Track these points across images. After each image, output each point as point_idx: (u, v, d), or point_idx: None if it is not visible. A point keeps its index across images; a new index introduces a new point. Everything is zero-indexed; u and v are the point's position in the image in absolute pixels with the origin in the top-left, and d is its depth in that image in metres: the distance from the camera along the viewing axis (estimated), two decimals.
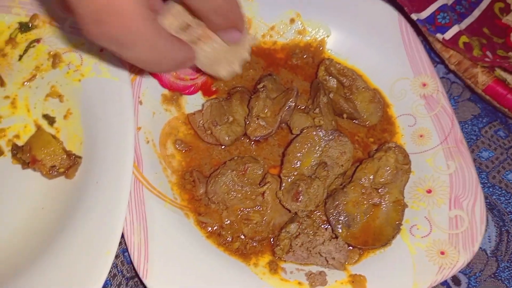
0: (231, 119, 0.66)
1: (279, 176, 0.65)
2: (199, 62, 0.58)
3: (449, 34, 0.70)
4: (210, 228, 0.64)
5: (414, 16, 0.72)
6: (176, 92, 0.70)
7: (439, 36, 0.70)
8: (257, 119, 0.65)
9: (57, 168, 0.59)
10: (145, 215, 0.60)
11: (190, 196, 0.66)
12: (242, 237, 0.64)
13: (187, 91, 0.70)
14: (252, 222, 0.64)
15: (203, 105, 0.68)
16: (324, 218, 0.66)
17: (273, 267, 0.62)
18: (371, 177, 0.65)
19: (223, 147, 0.69)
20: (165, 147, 0.68)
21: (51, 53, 0.65)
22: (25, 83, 0.65)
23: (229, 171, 0.63)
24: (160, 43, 0.47)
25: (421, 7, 0.71)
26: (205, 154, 0.69)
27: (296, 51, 0.77)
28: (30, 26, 0.66)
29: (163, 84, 0.69)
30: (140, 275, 0.57)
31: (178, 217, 0.63)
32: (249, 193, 0.64)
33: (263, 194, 0.64)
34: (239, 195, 0.64)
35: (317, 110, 0.68)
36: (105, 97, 0.63)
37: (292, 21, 0.77)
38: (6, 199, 0.60)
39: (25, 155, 0.59)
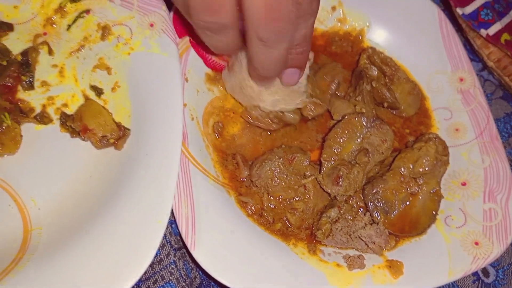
0: None
1: (320, 160, 0.67)
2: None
3: (492, 30, 0.71)
4: (250, 208, 0.65)
5: (459, 11, 0.73)
6: (219, 72, 0.71)
7: (482, 31, 0.72)
8: (311, 98, 0.66)
9: (108, 138, 0.59)
10: (192, 189, 0.61)
11: (232, 175, 0.67)
12: (287, 223, 0.65)
13: None
14: (298, 210, 0.65)
15: None
16: (361, 204, 0.67)
17: (312, 248, 0.64)
18: (411, 166, 0.66)
19: (268, 133, 0.69)
20: (207, 125, 0.68)
21: (101, 24, 0.65)
22: (73, 53, 0.65)
23: (276, 157, 0.64)
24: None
25: (466, 2, 0.72)
26: (245, 137, 0.70)
27: (336, 39, 0.78)
28: None
29: (207, 63, 0.70)
30: (188, 246, 0.58)
31: (221, 193, 0.64)
32: (292, 182, 0.65)
33: (305, 185, 0.65)
34: (283, 183, 0.65)
35: (359, 98, 0.69)
36: (154, 71, 0.63)
37: (333, 8, 0.78)
38: (54, 166, 0.60)
39: (76, 123, 0.59)
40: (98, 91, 0.64)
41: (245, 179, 0.66)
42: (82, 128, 0.59)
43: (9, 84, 0.61)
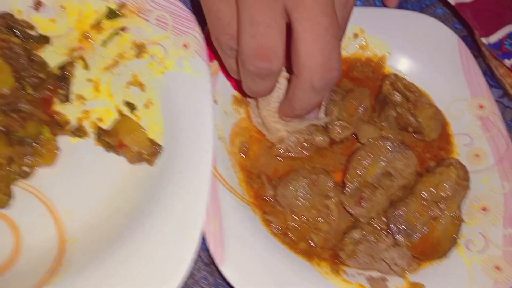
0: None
1: (343, 181, 0.68)
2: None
3: None
4: (275, 227, 0.66)
5: (484, 40, 0.76)
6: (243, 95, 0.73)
7: (506, 61, 0.74)
8: (339, 121, 0.68)
9: (142, 154, 0.61)
10: (220, 206, 0.63)
11: (257, 194, 0.68)
12: (311, 243, 0.66)
13: None
14: (321, 230, 0.66)
15: None
16: (384, 226, 0.68)
17: (335, 268, 0.65)
18: (432, 190, 0.68)
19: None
20: (234, 145, 0.70)
21: (136, 42, 0.67)
22: (108, 68, 0.67)
23: (300, 178, 0.66)
24: None
25: (490, 31, 0.75)
26: (266, 157, 0.71)
27: (357, 65, 0.80)
28: (118, 13, 0.67)
29: (235, 87, 0.72)
30: (216, 262, 0.59)
31: (247, 211, 0.66)
32: (316, 203, 0.66)
33: (328, 206, 0.67)
34: (307, 203, 0.66)
35: (385, 123, 0.71)
36: (186, 91, 0.65)
37: (355, 36, 0.80)
38: (89, 179, 0.61)
39: (111, 138, 0.61)
40: (132, 107, 0.66)
41: (269, 198, 0.68)
42: (118, 143, 0.61)
43: (46, 96, 0.63)
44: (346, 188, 0.67)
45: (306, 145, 0.69)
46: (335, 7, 0.54)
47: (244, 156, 0.70)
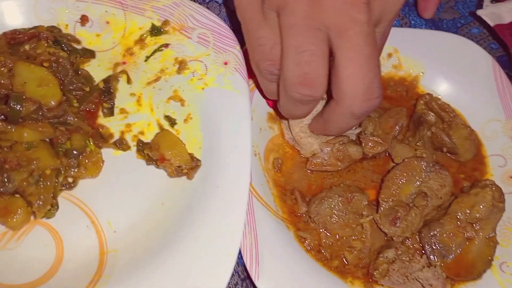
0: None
1: (377, 200, 0.69)
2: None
3: None
4: (308, 243, 0.67)
5: None
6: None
7: None
8: (372, 136, 0.68)
9: (182, 168, 0.62)
10: (255, 222, 0.64)
11: (290, 210, 0.69)
12: (344, 261, 0.66)
13: None
14: (355, 249, 0.66)
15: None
16: (417, 246, 0.68)
17: (368, 287, 0.65)
18: (467, 211, 0.68)
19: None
20: (268, 161, 0.71)
21: (178, 59, 0.69)
22: (150, 83, 0.69)
23: (336, 196, 0.66)
24: None
25: None
26: (298, 173, 0.72)
27: (391, 84, 0.81)
28: (161, 30, 0.69)
29: (270, 104, 0.73)
30: (252, 277, 0.60)
31: (281, 227, 0.66)
32: (350, 221, 0.67)
33: (362, 224, 0.67)
34: (341, 221, 0.67)
35: (420, 143, 0.71)
36: (226, 107, 0.66)
37: (389, 55, 0.81)
38: (129, 191, 0.63)
39: (153, 152, 0.62)
40: (172, 121, 0.67)
41: (303, 215, 0.69)
42: (159, 157, 0.62)
43: (91, 109, 0.65)
44: (381, 207, 0.67)
45: (340, 156, 0.69)
46: (376, 36, 0.56)
47: (278, 172, 0.71)
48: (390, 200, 0.67)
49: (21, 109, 0.56)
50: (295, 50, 0.53)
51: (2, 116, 0.57)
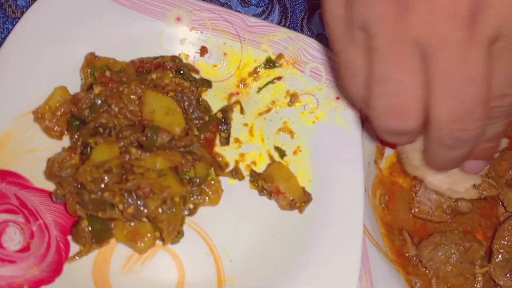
0: None
1: (490, 249, 0.68)
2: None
3: None
4: None
5: None
6: (386, 146, 0.74)
7: None
8: (487, 178, 0.68)
9: (296, 202, 0.64)
10: (369, 262, 0.64)
11: (399, 251, 0.69)
12: None
13: None
14: None
15: None
16: None
17: None
18: None
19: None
20: (375, 197, 0.72)
21: (290, 92, 0.71)
22: (261, 114, 0.71)
23: (452, 244, 0.66)
24: None
25: None
26: (407, 213, 0.72)
27: None
28: (275, 64, 0.71)
29: (378, 138, 0.74)
30: None
31: (392, 269, 0.66)
32: (465, 270, 0.66)
33: (476, 274, 0.66)
34: (454, 270, 0.66)
35: None
36: (337, 142, 0.68)
37: None
38: (243, 220, 0.65)
39: (268, 184, 0.64)
40: (281, 153, 0.69)
41: (413, 258, 0.68)
42: (274, 190, 0.64)
43: (209, 138, 0.67)
44: (494, 257, 0.66)
45: (448, 211, 0.69)
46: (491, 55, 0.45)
47: (385, 209, 0.71)
48: (503, 250, 0.67)
49: (157, 139, 0.59)
50: (382, 78, 0.47)
51: (137, 144, 0.60)
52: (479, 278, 0.66)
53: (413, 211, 0.71)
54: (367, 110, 0.52)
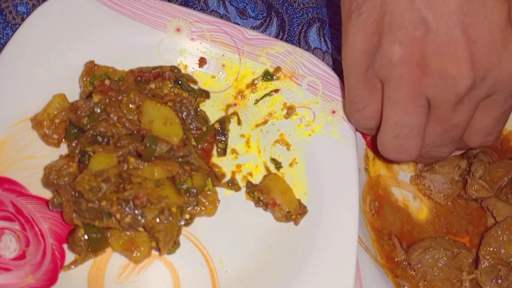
0: None
1: (477, 255, 0.70)
2: None
3: None
4: None
5: None
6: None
7: None
8: (481, 180, 0.70)
9: (291, 214, 0.64)
10: (359, 267, 0.65)
11: (388, 256, 0.70)
12: None
13: None
14: None
15: None
16: None
17: None
18: None
19: None
20: (365, 203, 0.73)
21: (287, 104, 0.72)
22: (258, 125, 0.71)
23: (441, 249, 0.67)
24: None
25: None
26: (396, 216, 0.74)
27: None
28: (273, 76, 0.72)
29: (368, 145, 0.75)
30: None
31: (381, 273, 0.68)
32: (452, 276, 0.68)
33: (462, 280, 0.68)
34: (441, 274, 0.68)
35: None
36: (332, 155, 0.69)
37: None
38: (238, 231, 0.65)
39: (264, 196, 0.65)
40: (278, 165, 0.70)
41: (403, 262, 0.70)
42: (271, 201, 0.64)
43: (206, 149, 0.68)
44: (481, 264, 0.68)
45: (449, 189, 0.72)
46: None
47: (375, 215, 0.72)
48: (490, 257, 0.68)
49: (156, 149, 0.59)
50: (395, 124, 0.59)
51: (135, 153, 0.60)
52: (466, 284, 0.67)
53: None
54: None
